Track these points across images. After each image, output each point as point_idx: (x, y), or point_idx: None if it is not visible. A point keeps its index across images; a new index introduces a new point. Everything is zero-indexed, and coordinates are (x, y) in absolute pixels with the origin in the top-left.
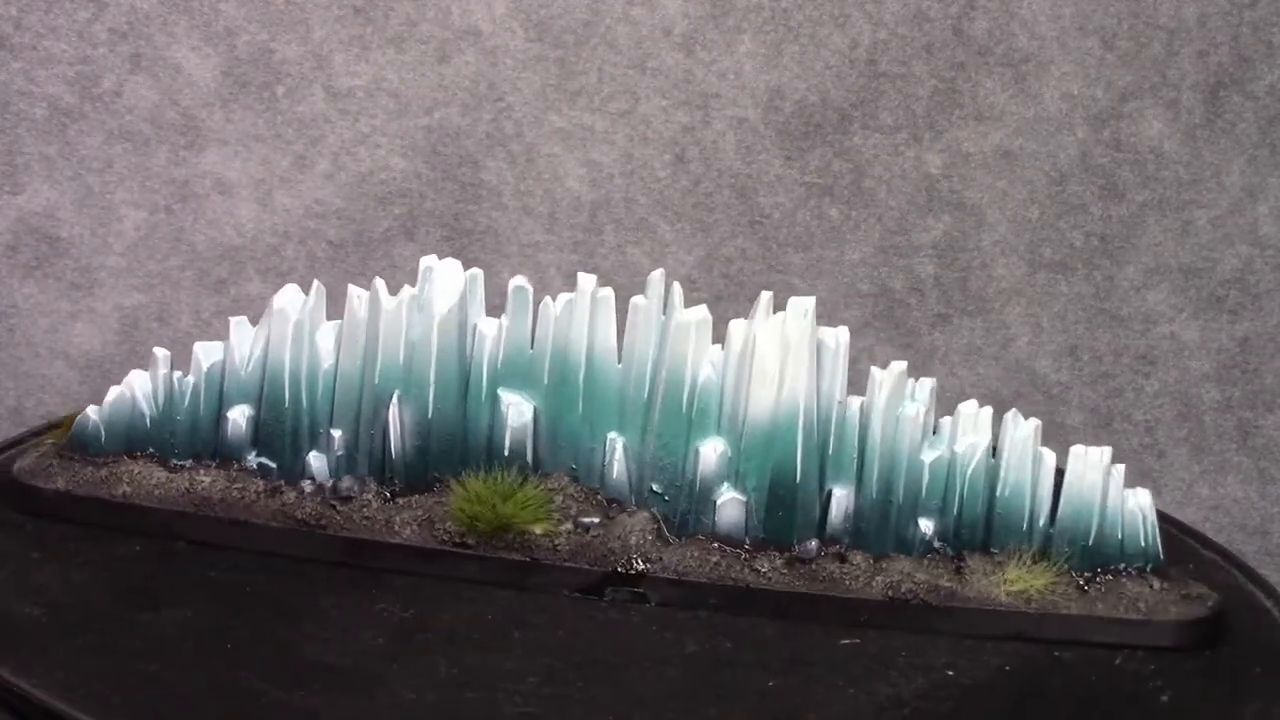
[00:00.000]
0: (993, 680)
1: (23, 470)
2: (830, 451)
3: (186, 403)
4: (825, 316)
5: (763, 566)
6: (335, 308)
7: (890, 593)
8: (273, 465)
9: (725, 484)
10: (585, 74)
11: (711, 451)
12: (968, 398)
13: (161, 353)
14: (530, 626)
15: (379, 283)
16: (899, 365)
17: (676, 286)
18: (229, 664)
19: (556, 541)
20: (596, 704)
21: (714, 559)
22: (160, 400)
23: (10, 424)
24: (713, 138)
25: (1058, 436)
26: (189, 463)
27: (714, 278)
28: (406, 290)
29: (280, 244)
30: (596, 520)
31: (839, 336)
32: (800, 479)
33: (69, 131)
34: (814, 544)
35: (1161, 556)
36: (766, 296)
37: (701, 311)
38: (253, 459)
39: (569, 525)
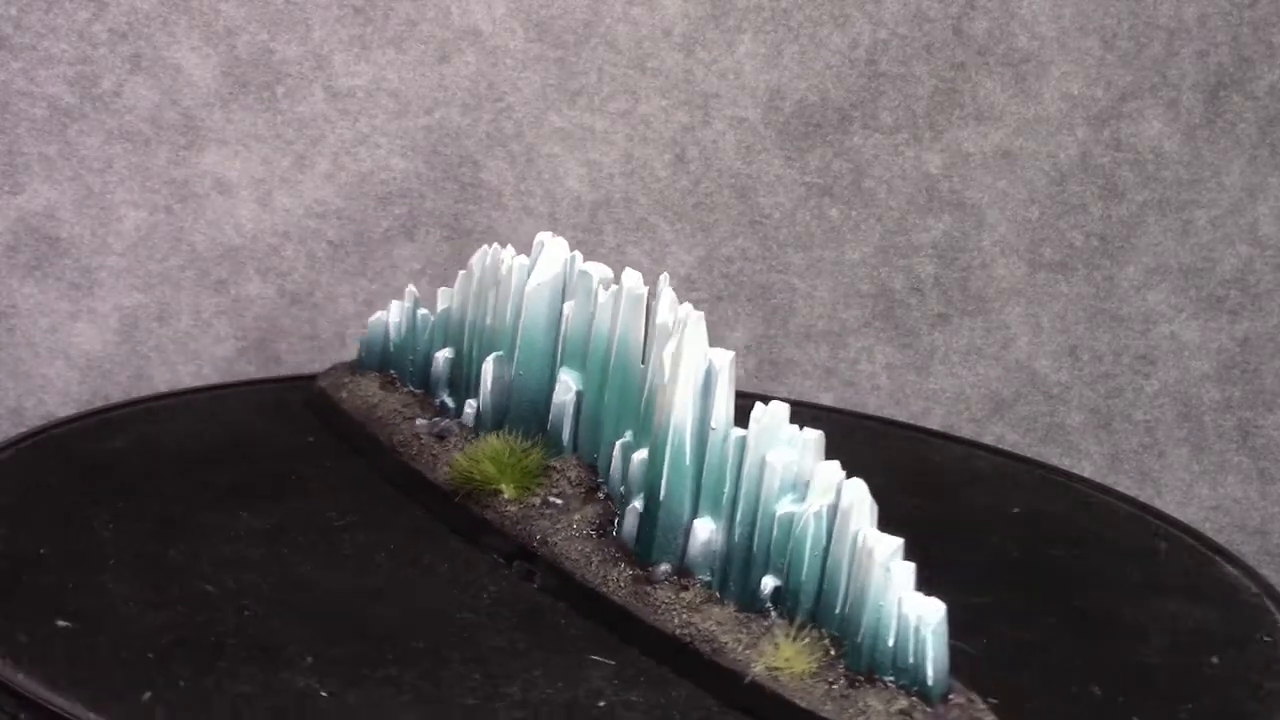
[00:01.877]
0: None
1: (325, 380)
2: (705, 480)
3: (421, 336)
4: (825, 316)
5: (613, 575)
6: (335, 306)
7: (676, 631)
8: (450, 404)
9: (640, 493)
10: (585, 74)
11: (637, 458)
12: (968, 398)
13: (411, 290)
14: (416, 562)
15: (503, 250)
16: (780, 407)
17: (664, 283)
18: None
19: (513, 509)
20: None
21: (595, 559)
22: (403, 330)
23: (10, 424)
24: (713, 138)
25: (1058, 437)
26: (409, 388)
27: (714, 278)
28: (521, 259)
29: (280, 244)
30: (560, 503)
31: (724, 358)
32: (664, 500)
33: (69, 131)
34: (664, 568)
35: (935, 684)
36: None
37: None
38: (444, 396)
39: (537, 500)
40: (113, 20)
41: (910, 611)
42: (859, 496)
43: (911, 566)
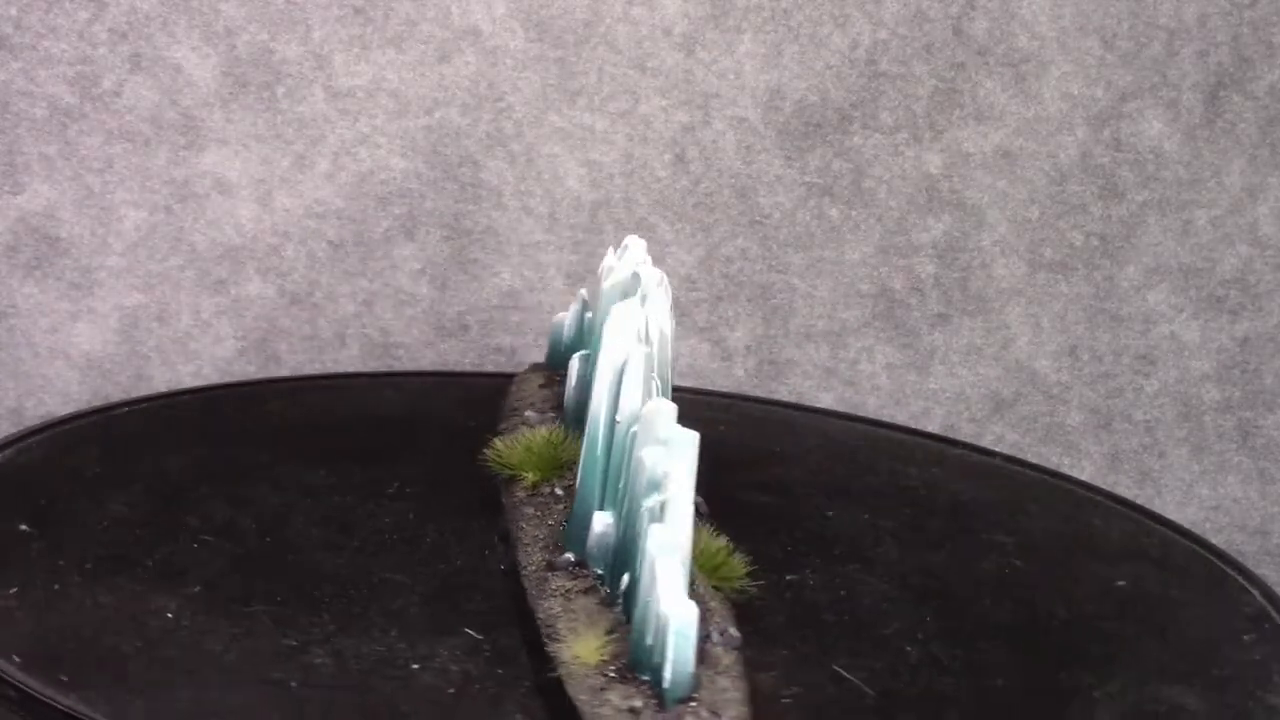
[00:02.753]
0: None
1: (517, 377)
2: (609, 473)
3: (587, 335)
4: (825, 316)
5: (533, 560)
6: (335, 306)
7: (538, 616)
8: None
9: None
10: (585, 74)
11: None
12: (968, 398)
13: (581, 293)
14: (415, 531)
15: (634, 240)
16: (666, 405)
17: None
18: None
19: (521, 494)
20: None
21: (536, 546)
22: (572, 331)
23: (10, 424)
24: (713, 138)
25: (1058, 436)
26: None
27: (714, 278)
28: (613, 259)
29: (280, 244)
30: (560, 494)
31: (634, 354)
32: (579, 490)
33: (69, 131)
34: (566, 557)
35: (672, 687)
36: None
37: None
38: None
39: (546, 490)
40: (113, 20)
41: (664, 611)
42: (676, 494)
43: (678, 564)
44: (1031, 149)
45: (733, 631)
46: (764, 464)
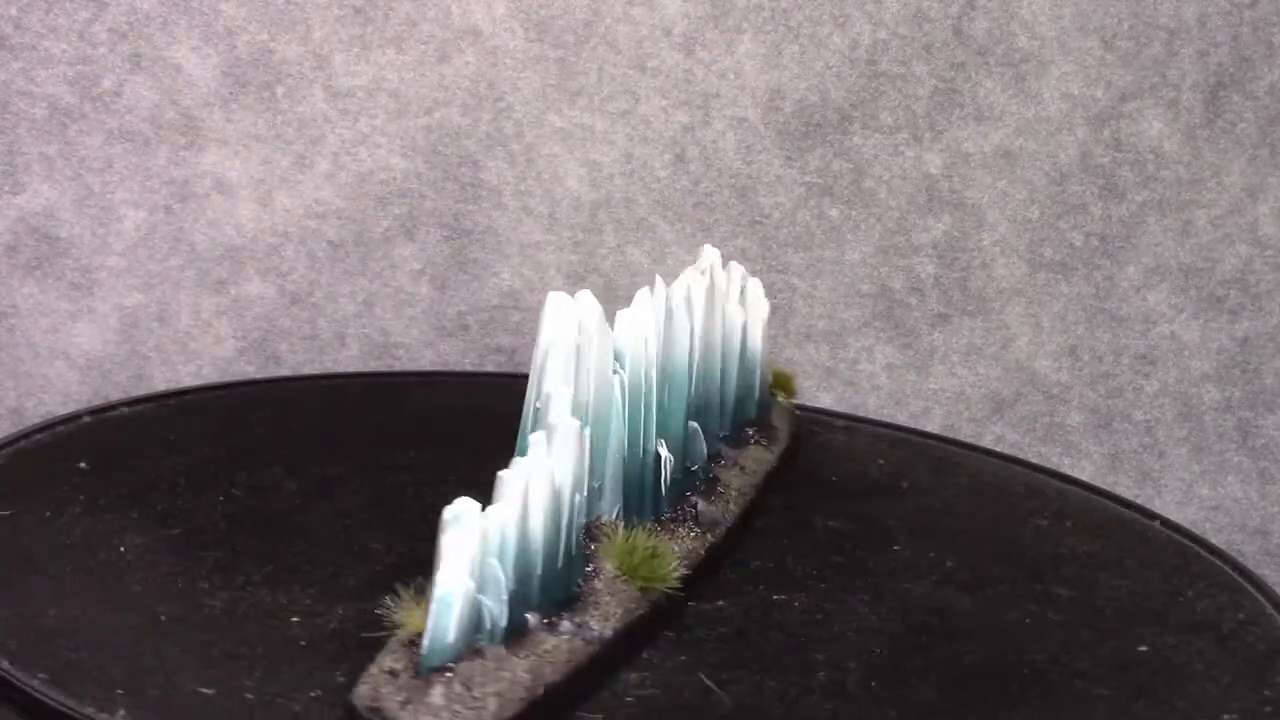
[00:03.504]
0: None
1: None
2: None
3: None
4: (825, 316)
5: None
6: (335, 306)
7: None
8: None
9: None
10: (585, 74)
11: None
12: (968, 398)
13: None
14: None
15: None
16: (558, 392)
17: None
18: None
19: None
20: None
21: None
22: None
23: (10, 424)
24: (713, 138)
25: (1058, 436)
26: None
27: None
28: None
29: (280, 244)
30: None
31: (559, 342)
32: None
33: (69, 131)
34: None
35: (427, 654)
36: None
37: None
38: None
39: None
40: (113, 20)
41: (439, 581)
42: (517, 474)
43: (464, 537)
44: (1031, 149)
45: (593, 625)
46: (886, 493)
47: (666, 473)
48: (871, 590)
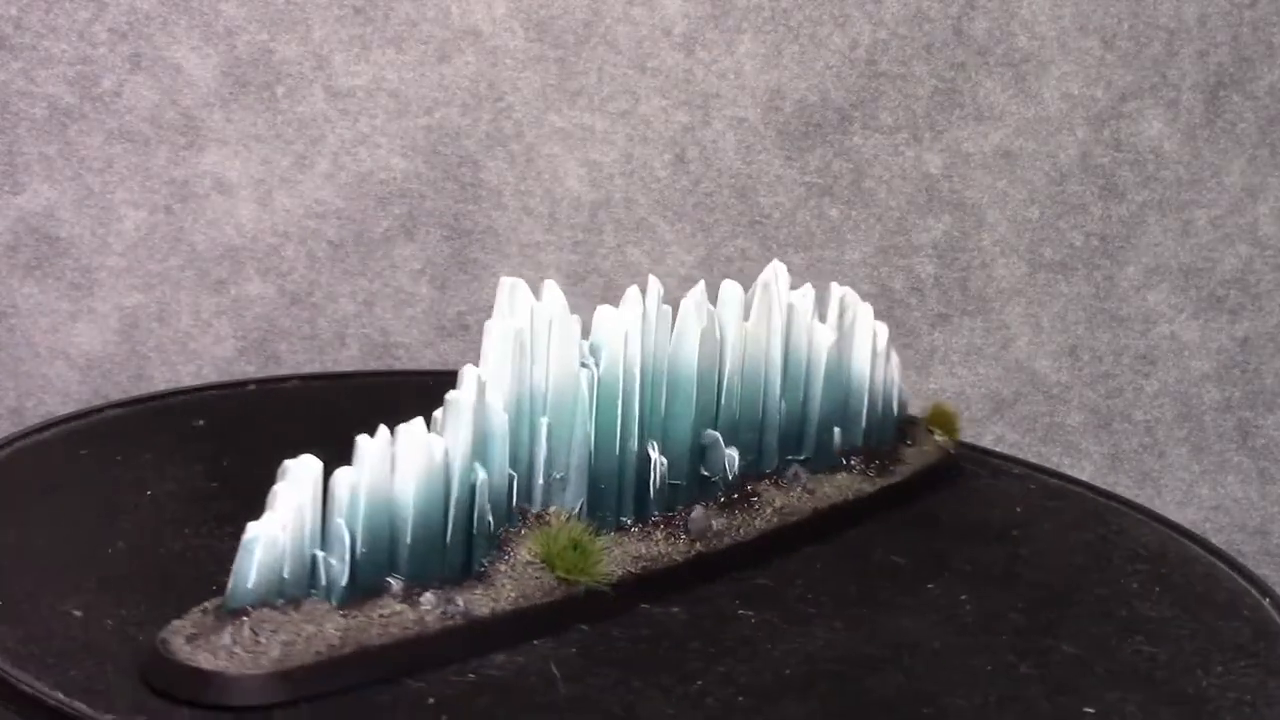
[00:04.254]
0: None
1: None
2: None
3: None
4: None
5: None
6: (335, 306)
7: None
8: None
9: None
10: (585, 74)
11: None
12: (968, 398)
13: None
14: None
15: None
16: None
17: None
18: None
19: None
20: None
21: None
22: None
23: (10, 424)
24: (713, 138)
25: (1058, 436)
26: None
27: (714, 278)
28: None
29: (280, 244)
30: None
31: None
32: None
33: (69, 131)
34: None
35: (228, 596)
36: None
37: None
38: None
39: None
40: (113, 20)
41: (248, 526)
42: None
43: (288, 492)
44: (1031, 149)
45: (462, 603)
46: (986, 538)
47: (656, 475)
48: (851, 619)
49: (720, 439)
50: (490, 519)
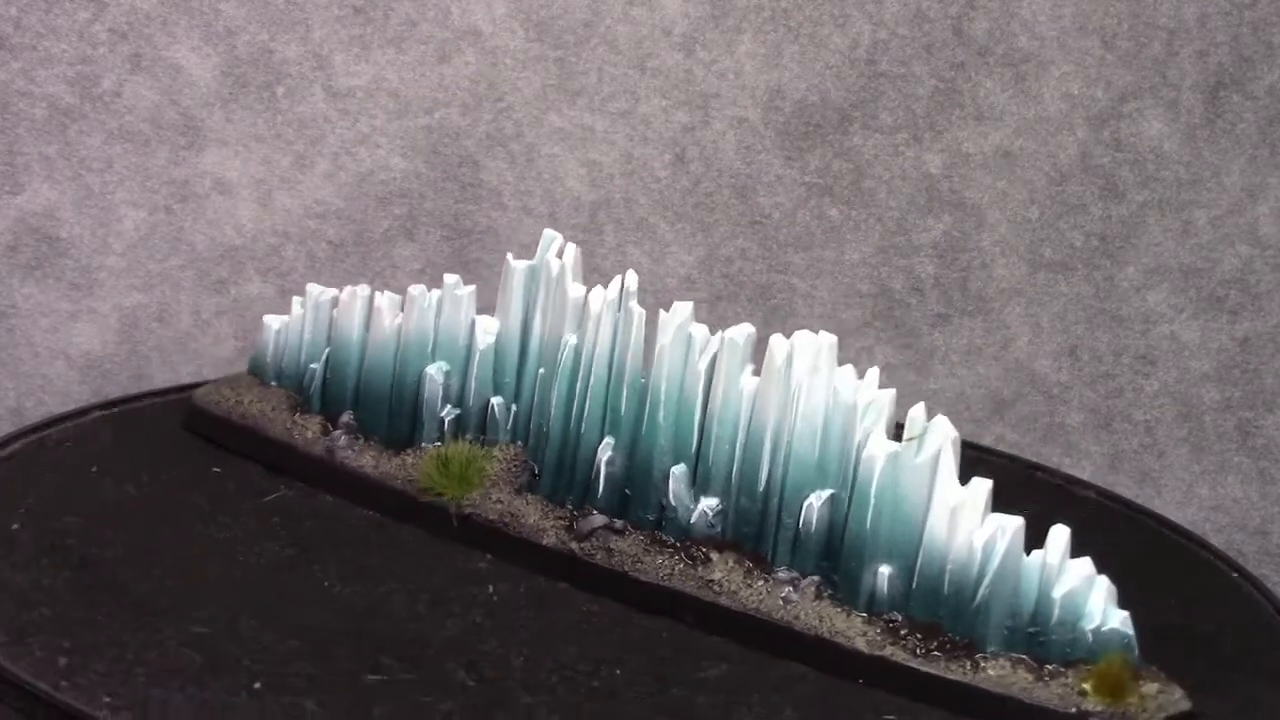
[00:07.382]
0: None
1: None
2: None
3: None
4: (825, 316)
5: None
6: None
7: None
8: None
9: None
10: (585, 74)
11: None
12: (968, 398)
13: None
14: None
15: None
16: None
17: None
18: None
19: None
20: None
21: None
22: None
23: (10, 424)
24: (713, 138)
25: (1058, 436)
26: None
27: (714, 278)
28: None
29: (280, 244)
30: None
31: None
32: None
33: (69, 131)
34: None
35: None
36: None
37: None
38: None
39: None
40: (113, 20)
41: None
42: None
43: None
44: (1031, 149)
45: (352, 450)
46: None
47: (601, 470)
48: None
49: (683, 477)
50: (442, 412)
